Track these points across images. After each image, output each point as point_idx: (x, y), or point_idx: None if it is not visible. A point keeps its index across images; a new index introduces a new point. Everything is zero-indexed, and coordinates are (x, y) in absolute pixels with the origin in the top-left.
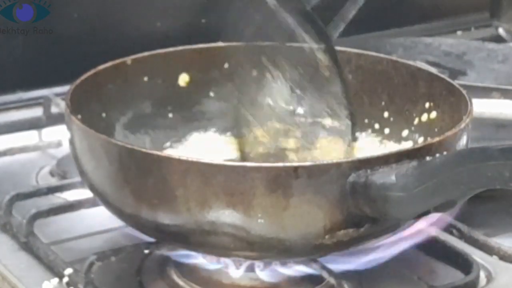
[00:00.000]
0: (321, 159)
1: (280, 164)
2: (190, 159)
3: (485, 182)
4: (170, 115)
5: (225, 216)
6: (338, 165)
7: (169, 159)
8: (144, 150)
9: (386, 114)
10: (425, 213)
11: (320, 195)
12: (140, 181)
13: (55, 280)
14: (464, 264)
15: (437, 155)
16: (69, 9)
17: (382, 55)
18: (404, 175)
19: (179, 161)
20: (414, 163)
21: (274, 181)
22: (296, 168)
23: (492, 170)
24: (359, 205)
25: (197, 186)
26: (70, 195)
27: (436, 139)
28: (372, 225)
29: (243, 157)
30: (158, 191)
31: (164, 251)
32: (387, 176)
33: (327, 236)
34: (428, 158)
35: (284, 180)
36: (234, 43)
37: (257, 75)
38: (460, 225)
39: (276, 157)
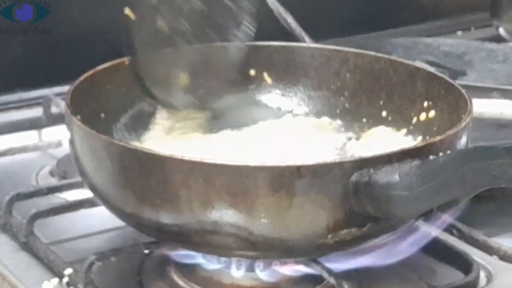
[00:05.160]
0: None
1: (283, 164)
2: (193, 159)
3: (490, 181)
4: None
5: (228, 216)
6: (341, 164)
7: (172, 159)
8: (146, 150)
9: (384, 113)
10: (429, 212)
11: (323, 195)
12: (142, 181)
13: (55, 280)
14: (464, 264)
15: (441, 154)
16: (69, 9)
17: (380, 54)
18: (407, 174)
19: (182, 161)
20: (416, 162)
21: (277, 180)
22: (299, 168)
23: (497, 168)
24: (362, 204)
25: (200, 186)
26: (70, 195)
27: (438, 138)
28: (374, 224)
29: None
30: (160, 191)
31: (164, 251)
32: (391, 175)
33: (330, 236)
34: (431, 157)
35: (287, 180)
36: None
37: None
38: (460, 225)
39: None
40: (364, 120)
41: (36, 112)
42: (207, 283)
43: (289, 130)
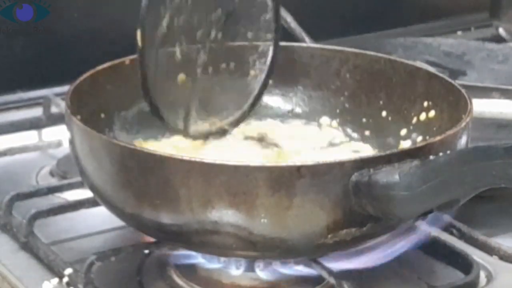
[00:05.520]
0: None
1: (283, 164)
2: (193, 159)
3: (489, 181)
4: None
5: (228, 216)
6: (341, 164)
7: (172, 159)
8: (146, 150)
9: (384, 113)
10: (428, 212)
11: (323, 195)
12: (142, 181)
13: (55, 280)
14: (464, 264)
15: (441, 154)
16: (69, 9)
17: (380, 54)
18: (407, 174)
19: (182, 161)
20: (416, 162)
21: (277, 181)
22: (299, 168)
23: (497, 168)
24: (362, 204)
25: (200, 186)
26: (70, 195)
27: (438, 138)
28: (374, 224)
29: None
30: (160, 192)
31: (164, 251)
32: (391, 175)
33: (329, 236)
34: (431, 157)
35: (287, 180)
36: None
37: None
38: (460, 225)
39: None
40: (364, 120)
41: (36, 112)
42: (207, 283)
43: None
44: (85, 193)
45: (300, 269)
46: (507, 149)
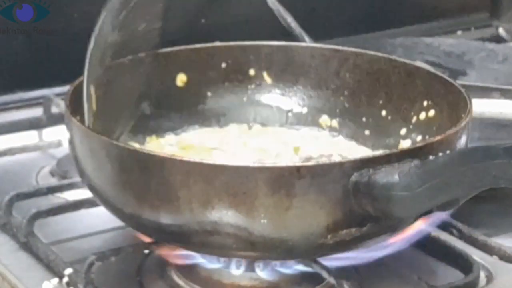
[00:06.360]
0: None
1: (283, 164)
2: (192, 160)
3: (489, 181)
4: (169, 115)
5: (228, 216)
6: (340, 164)
7: (171, 160)
8: (146, 151)
9: (384, 113)
10: (428, 212)
11: (323, 195)
12: (142, 182)
13: (55, 280)
14: (464, 264)
15: (440, 154)
16: (69, 9)
17: (380, 54)
18: (407, 174)
19: (182, 162)
20: (416, 162)
21: (277, 181)
22: (299, 168)
23: (497, 169)
24: (361, 204)
25: (200, 187)
26: (70, 195)
27: (438, 137)
28: (374, 224)
29: None
30: (160, 192)
31: (164, 251)
32: (390, 175)
33: (329, 236)
34: (431, 157)
35: (287, 180)
36: (231, 43)
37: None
38: (460, 225)
39: None
40: (363, 119)
41: (36, 112)
42: (207, 283)
43: None
44: (85, 193)
45: (300, 269)
46: (507, 149)
